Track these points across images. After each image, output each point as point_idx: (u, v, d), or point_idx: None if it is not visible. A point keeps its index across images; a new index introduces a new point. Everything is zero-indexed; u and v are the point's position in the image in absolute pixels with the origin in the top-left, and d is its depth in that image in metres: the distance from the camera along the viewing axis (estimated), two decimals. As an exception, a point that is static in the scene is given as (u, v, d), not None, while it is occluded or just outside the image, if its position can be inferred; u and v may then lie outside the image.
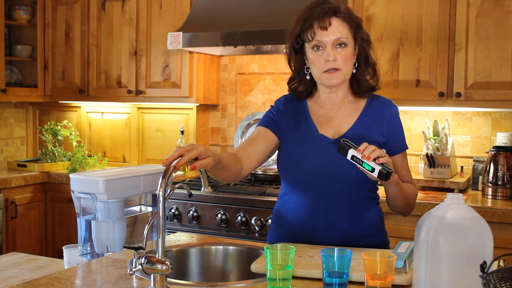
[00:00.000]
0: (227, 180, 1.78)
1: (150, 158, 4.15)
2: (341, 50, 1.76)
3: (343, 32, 1.76)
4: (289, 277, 1.37)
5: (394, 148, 1.84)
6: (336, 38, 1.75)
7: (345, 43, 1.76)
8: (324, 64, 1.76)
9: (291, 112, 1.91)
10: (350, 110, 1.86)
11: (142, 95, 3.84)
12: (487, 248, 1.23)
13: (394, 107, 1.89)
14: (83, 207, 1.86)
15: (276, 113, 1.92)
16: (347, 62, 1.78)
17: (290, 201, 1.89)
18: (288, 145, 1.86)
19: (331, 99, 1.87)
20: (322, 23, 1.75)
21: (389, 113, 1.86)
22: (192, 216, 3.14)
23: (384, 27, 3.10)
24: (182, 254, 1.85)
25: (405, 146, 1.88)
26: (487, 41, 2.90)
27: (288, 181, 1.88)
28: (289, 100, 1.94)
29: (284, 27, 3.15)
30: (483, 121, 3.25)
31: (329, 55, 1.75)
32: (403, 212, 1.88)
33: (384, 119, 1.84)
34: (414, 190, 1.89)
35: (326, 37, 1.75)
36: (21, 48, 4.24)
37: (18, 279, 1.75)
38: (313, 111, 1.89)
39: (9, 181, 3.71)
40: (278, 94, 3.78)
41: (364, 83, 1.85)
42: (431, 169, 3.10)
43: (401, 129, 1.88)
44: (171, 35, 3.41)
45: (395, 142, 1.85)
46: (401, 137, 1.87)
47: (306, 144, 1.83)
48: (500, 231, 2.61)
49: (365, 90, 1.86)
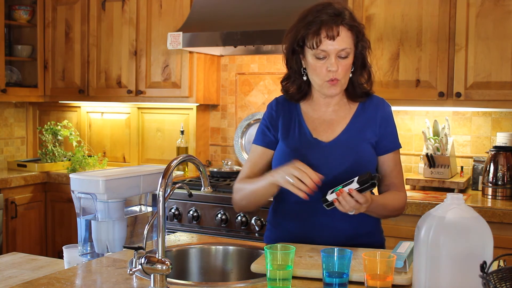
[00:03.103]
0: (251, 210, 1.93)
1: (150, 158, 4.15)
2: (343, 60, 1.74)
3: (347, 42, 1.74)
4: (289, 277, 1.37)
5: (386, 147, 1.83)
6: (341, 49, 1.73)
7: (348, 54, 1.75)
8: (326, 73, 1.75)
9: (284, 115, 1.89)
10: (344, 112, 1.86)
11: (142, 95, 3.84)
12: (487, 248, 1.23)
13: (387, 106, 1.88)
14: (83, 207, 1.86)
15: (269, 122, 1.90)
16: (347, 72, 1.78)
17: (286, 201, 1.86)
18: (283, 149, 1.84)
19: (326, 103, 1.86)
20: (330, 32, 1.71)
21: (382, 112, 1.85)
22: (192, 216, 3.14)
23: (384, 27, 3.09)
24: (182, 254, 1.85)
25: (397, 145, 1.86)
26: (487, 41, 2.90)
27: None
28: (280, 103, 1.93)
29: (284, 27, 3.13)
30: (483, 121, 3.25)
31: (333, 65, 1.73)
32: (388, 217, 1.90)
33: (377, 118, 1.84)
34: (398, 201, 1.83)
35: (331, 46, 1.72)
36: (21, 48, 4.24)
37: (18, 279, 1.75)
38: (307, 115, 1.88)
39: (9, 181, 3.71)
40: (278, 94, 3.75)
41: (358, 87, 1.84)
42: (431, 169, 3.10)
43: (394, 128, 1.87)
44: (171, 35, 3.41)
45: (387, 141, 1.84)
46: (394, 136, 1.85)
47: (300, 149, 1.81)
48: (500, 231, 2.61)
49: (359, 94, 1.85)
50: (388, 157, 1.84)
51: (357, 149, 1.79)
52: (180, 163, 1.48)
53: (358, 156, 1.78)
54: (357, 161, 1.76)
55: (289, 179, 1.63)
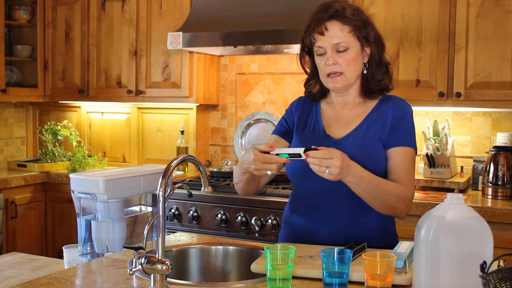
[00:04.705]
0: (254, 191, 1.91)
1: (150, 158, 4.15)
2: (342, 54, 1.76)
3: (341, 36, 1.75)
4: (289, 277, 1.37)
5: (393, 141, 1.78)
6: (335, 43, 1.75)
7: (346, 47, 1.75)
8: (325, 68, 1.78)
9: (302, 113, 1.93)
10: (360, 110, 1.86)
11: (142, 95, 3.84)
12: (487, 248, 1.23)
13: (405, 106, 1.84)
14: (83, 207, 1.86)
15: (288, 116, 1.96)
16: (350, 65, 1.77)
17: (295, 200, 1.91)
18: (295, 142, 1.89)
19: (343, 100, 1.87)
20: (318, 28, 1.76)
21: (397, 110, 1.81)
22: (192, 216, 3.14)
23: (384, 27, 3.09)
24: (182, 254, 1.85)
25: (406, 143, 1.79)
26: (487, 41, 2.90)
27: (293, 180, 1.90)
28: (302, 102, 1.97)
29: (284, 27, 3.15)
30: (483, 121, 3.25)
31: (329, 59, 1.76)
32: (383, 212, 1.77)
33: (390, 115, 1.80)
34: (396, 188, 1.74)
35: (325, 41, 1.76)
36: (21, 48, 4.24)
37: (18, 279, 1.75)
38: (324, 112, 1.91)
39: (9, 181, 3.71)
40: (278, 94, 3.78)
41: (374, 84, 1.83)
42: (431, 169, 3.10)
43: (408, 127, 1.81)
44: (171, 35, 3.41)
45: (395, 136, 1.79)
46: (405, 133, 1.80)
47: (310, 143, 1.82)
48: (500, 231, 2.61)
49: (374, 91, 1.84)
50: (393, 151, 1.78)
51: (366, 146, 1.78)
52: (180, 163, 1.48)
53: (367, 153, 1.76)
54: (365, 158, 1.73)
55: (252, 171, 1.68)
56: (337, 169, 1.57)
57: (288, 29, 3.11)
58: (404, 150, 1.79)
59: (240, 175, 1.84)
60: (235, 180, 1.91)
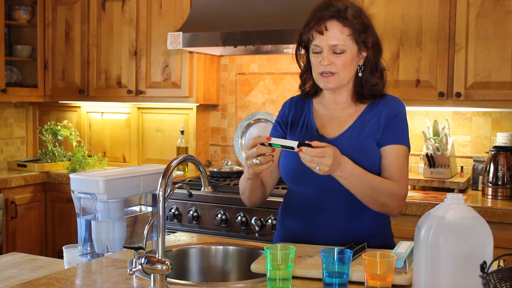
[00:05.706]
0: (260, 199, 1.91)
1: (150, 158, 4.15)
2: (339, 56, 1.74)
3: (340, 38, 1.73)
4: (289, 277, 1.37)
5: (385, 139, 1.78)
6: (332, 44, 1.74)
7: (343, 50, 1.74)
8: (319, 66, 1.77)
9: (295, 113, 1.92)
10: (353, 110, 1.85)
11: (142, 95, 3.84)
12: (487, 248, 1.23)
13: (398, 104, 1.84)
14: (83, 207, 1.86)
15: (281, 119, 1.95)
16: (346, 66, 1.76)
17: (290, 201, 1.90)
18: None
19: (335, 99, 1.86)
20: (318, 27, 1.74)
21: (390, 108, 1.81)
22: (192, 216, 3.14)
23: (384, 27, 3.09)
24: (182, 254, 1.85)
25: (399, 141, 1.78)
26: (487, 41, 2.90)
27: (287, 181, 1.89)
28: (294, 101, 1.96)
29: (284, 27, 3.15)
30: (483, 121, 3.25)
31: (324, 60, 1.74)
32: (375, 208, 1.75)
33: (383, 113, 1.80)
34: (388, 185, 1.73)
35: (323, 41, 1.74)
36: (21, 48, 4.24)
37: (18, 279, 1.75)
38: (317, 111, 1.90)
39: (9, 181, 3.71)
40: (278, 94, 3.78)
41: (367, 88, 1.82)
42: (431, 169, 3.10)
43: (401, 125, 1.81)
44: (171, 35, 3.41)
45: (389, 134, 1.78)
46: (398, 132, 1.79)
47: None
48: (500, 231, 2.61)
49: (366, 96, 1.82)
50: (387, 149, 1.77)
51: (360, 145, 1.77)
52: (180, 163, 1.48)
53: (361, 152, 1.76)
54: (360, 157, 1.73)
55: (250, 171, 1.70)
56: (328, 167, 1.59)
57: (288, 29, 3.11)
58: (398, 148, 1.79)
59: (244, 182, 1.84)
60: (241, 189, 1.89)
